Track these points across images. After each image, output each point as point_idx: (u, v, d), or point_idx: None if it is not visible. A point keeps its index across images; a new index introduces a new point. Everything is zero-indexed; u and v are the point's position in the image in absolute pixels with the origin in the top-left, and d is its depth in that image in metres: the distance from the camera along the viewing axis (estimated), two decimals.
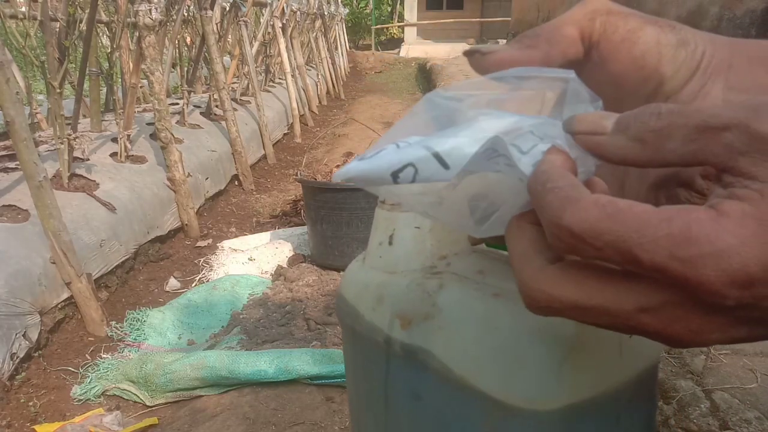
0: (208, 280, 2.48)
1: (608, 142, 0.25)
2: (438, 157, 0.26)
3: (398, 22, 18.80)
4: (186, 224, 2.94)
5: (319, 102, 7.30)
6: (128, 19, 2.87)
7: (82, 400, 1.70)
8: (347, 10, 13.46)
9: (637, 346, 0.40)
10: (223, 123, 3.88)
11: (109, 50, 3.07)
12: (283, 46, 5.66)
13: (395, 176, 0.26)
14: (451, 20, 16.94)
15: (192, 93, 3.96)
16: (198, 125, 3.77)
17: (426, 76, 9.93)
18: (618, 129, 0.25)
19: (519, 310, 0.30)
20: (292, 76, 5.83)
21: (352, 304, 0.47)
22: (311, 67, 7.68)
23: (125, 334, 2.03)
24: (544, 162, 0.26)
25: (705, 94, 0.30)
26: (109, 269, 2.28)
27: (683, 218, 0.22)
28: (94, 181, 2.48)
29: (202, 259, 2.70)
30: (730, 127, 0.22)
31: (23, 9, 2.67)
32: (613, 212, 0.23)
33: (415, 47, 15.59)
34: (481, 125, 0.27)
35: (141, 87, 3.35)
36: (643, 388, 0.43)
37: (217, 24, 4.19)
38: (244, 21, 4.44)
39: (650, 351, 0.42)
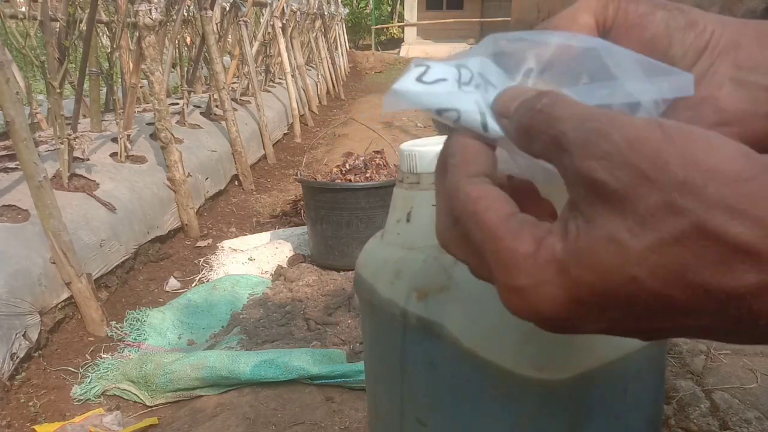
0: (208, 280, 2.48)
1: (506, 126, 0.26)
2: (483, 117, 0.27)
3: (398, 22, 18.80)
4: (186, 224, 2.94)
5: (319, 102, 7.30)
6: (128, 19, 2.87)
7: (82, 400, 1.70)
8: (347, 10, 13.46)
9: None
10: (223, 123, 3.88)
11: (109, 50, 3.07)
12: (283, 46, 5.66)
13: (439, 112, 0.28)
14: (451, 20, 16.94)
15: (192, 93, 3.96)
16: (198, 125, 3.77)
17: None
18: (511, 115, 0.26)
19: None
20: (292, 76, 5.83)
21: (369, 279, 0.48)
22: (311, 67, 7.68)
23: (125, 334, 2.03)
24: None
25: (713, 73, 0.31)
26: (109, 269, 2.28)
27: (511, 246, 0.23)
28: (94, 181, 2.48)
29: (202, 259, 2.70)
30: (567, 152, 0.22)
31: (23, 9, 2.67)
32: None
33: (415, 47, 15.59)
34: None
35: (141, 87, 3.35)
36: (652, 359, 0.43)
37: (217, 24, 4.19)
38: (244, 21, 4.44)
39: None
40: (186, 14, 3.68)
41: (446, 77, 0.28)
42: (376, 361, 0.51)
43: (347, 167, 2.57)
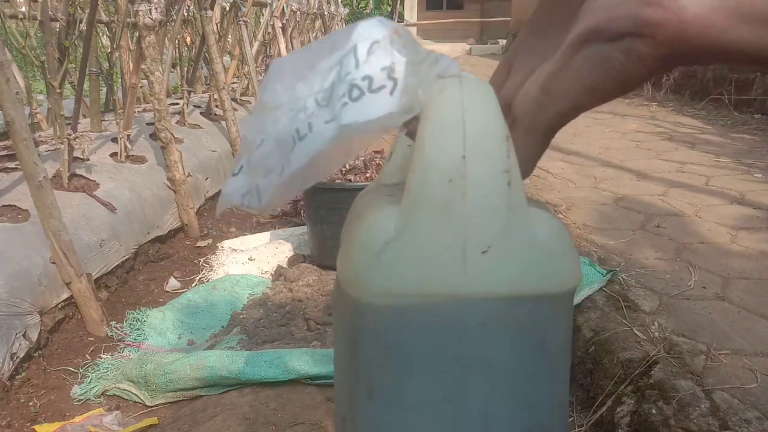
0: (208, 280, 2.48)
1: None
2: (256, 193, 0.36)
3: (398, 22, 18.80)
4: (186, 224, 2.94)
5: None
6: (128, 19, 2.87)
7: (82, 400, 1.70)
8: (347, 10, 13.46)
9: (495, 262, 0.36)
10: (223, 123, 3.88)
11: (109, 50, 3.07)
12: (283, 46, 5.66)
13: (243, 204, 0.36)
14: (451, 20, 16.95)
15: (192, 93, 3.95)
16: (198, 125, 3.77)
17: None
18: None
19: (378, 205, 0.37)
20: None
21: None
22: None
23: (125, 334, 2.03)
24: None
25: None
26: (109, 269, 2.28)
27: None
28: (94, 181, 2.48)
29: (202, 259, 2.70)
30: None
31: (23, 9, 2.67)
32: None
33: None
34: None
35: (141, 87, 3.35)
36: (515, 322, 0.37)
37: (217, 24, 4.19)
38: (244, 21, 4.44)
39: (529, 281, 0.37)
40: (186, 14, 3.68)
41: (243, 163, 0.35)
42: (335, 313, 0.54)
43: (347, 167, 2.57)
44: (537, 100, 0.33)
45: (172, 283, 2.47)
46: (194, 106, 4.05)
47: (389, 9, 19.99)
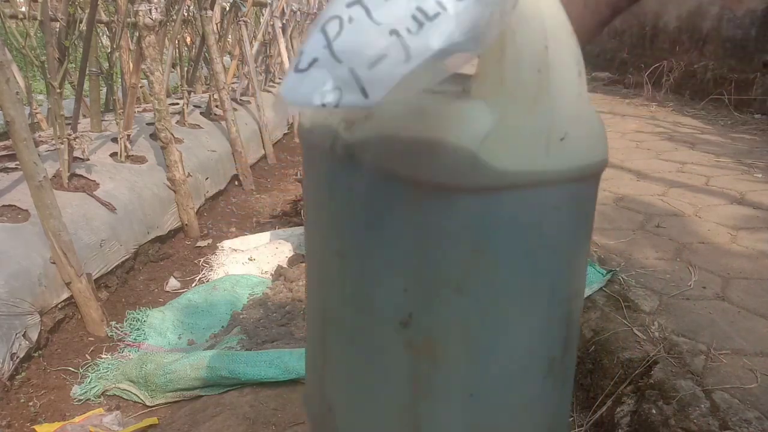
0: (208, 280, 2.48)
1: None
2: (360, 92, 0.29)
3: None
4: (186, 224, 2.94)
5: None
6: (128, 19, 2.87)
7: (82, 400, 1.70)
8: None
9: (569, 147, 0.39)
10: (223, 123, 3.88)
11: (109, 50, 3.07)
12: (283, 46, 5.66)
13: (324, 105, 0.30)
14: None
15: (192, 93, 3.96)
16: (198, 125, 3.77)
17: None
18: None
19: (444, 101, 0.37)
20: None
21: (311, 119, 0.52)
22: None
23: (125, 334, 2.03)
24: None
25: None
26: (109, 269, 2.28)
27: None
28: (94, 181, 2.48)
29: (202, 259, 2.70)
30: None
31: (23, 9, 2.67)
32: None
33: None
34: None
35: (141, 87, 3.35)
36: (577, 202, 0.42)
37: (217, 24, 4.19)
38: (244, 21, 4.44)
39: (584, 153, 0.40)
40: (186, 14, 3.68)
41: (317, 54, 0.27)
42: (311, 199, 0.56)
43: None
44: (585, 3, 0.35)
45: (172, 283, 2.47)
46: (194, 106, 4.05)
47: None
